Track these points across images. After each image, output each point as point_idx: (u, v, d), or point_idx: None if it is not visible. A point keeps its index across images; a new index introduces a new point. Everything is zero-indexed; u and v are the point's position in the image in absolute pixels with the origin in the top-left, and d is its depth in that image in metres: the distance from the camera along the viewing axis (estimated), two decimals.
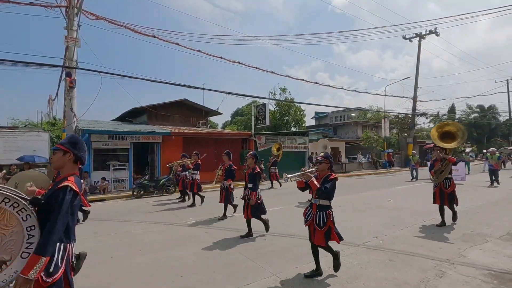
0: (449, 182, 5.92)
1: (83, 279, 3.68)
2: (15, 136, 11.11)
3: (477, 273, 3.64)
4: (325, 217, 3.61)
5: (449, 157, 5.88)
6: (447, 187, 5.89)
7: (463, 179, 13.28)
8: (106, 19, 11.89)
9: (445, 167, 5.87)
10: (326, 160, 3.78)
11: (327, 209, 3.65)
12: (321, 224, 3.59)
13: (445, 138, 6.09)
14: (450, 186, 5.89)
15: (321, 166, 3.78)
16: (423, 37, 25.22)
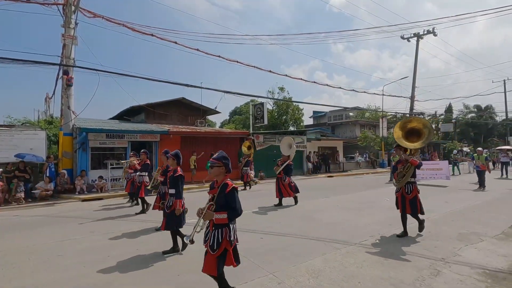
0: (411, 187, 5.22)
1: (81, 279, 3.69)
2: (12, 134, 11.04)
3: (472, 272, 3.67)
4: (220, 237, 2.78)
5: (412, 159, 5.13)
6: (408, 192, 5.22)
7: (448, 178, 12.94)
8: (103, 17, 11.85)
9: (407, 170, 5.18)
10: (218, 163, 2.92)
11: (223, 227, 2.82)
12: (214, 246, 2.77)
13: (411, 137, 5.31)
14: (412, 192, 5.21)
15: (214, 171, 2.95)
16: (421, 37, 25.32)
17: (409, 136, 5.30)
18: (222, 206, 2.81)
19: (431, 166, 13.57)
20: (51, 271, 3.95)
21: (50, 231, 6.04)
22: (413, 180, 5.26)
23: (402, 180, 5.23)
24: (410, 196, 5.21)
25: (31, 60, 10.12)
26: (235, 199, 2.79)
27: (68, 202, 10.04)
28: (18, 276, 3.81)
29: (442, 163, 13.83)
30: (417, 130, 5.26)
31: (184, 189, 4.84)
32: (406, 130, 5.32)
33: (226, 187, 2.82)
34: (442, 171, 13.02)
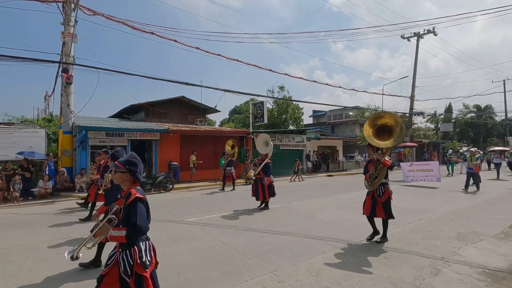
0: (383, 189, 4.78)
1: (80, 276, 3.69)
2: (11, 132, 11.01)
3: (472, 271, 3.68)
4: (130, 259, 2.24)
5: (384, 159, 4.68)
6: (380, 195, 4.78)
7: (439, 180, 12.29)
8: (103, 15, 11.82)
9: (380, 172, 4.73)
10: (121, 168, 2.35)
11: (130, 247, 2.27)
12: (127, 272, 2.21)
13: (382, 134, 4.81)
14: (384, 194, 4.76)
15: (116, 177, 2.40)
16: (421, 36, 25.32)
17: (380, 133, 4.79)
18: (123, 220, 2.30)
19: (421, 167, 13.07)
20: (50, 268, 3.94)
21: (49, 229, 6.03)
22: (385, 181, 4.85)
23: (375, 182, 4.77)
24: (382, 199, 4.76)
25: (31, 58, 10.09)
26: (136, 212, 2.20)
27: (68, 200, 10.03)
28: (17, 273, 3.80)
29: (433, 164, 13.24)
30: (388, 127, 4.74)
31: (184, 188, 4.87)
32: (377, 127, 4.81)
33: (128, 197, 2.27)
34: (433, 172, 12.47)
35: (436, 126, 47.63)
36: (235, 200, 9.61)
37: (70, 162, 12.02)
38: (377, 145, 4.73)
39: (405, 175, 13.30)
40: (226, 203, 8.92)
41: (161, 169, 13.55)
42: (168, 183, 11.90)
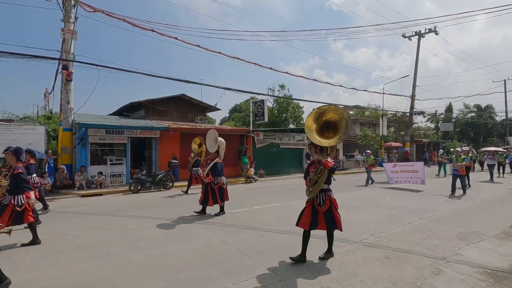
0: (323, 197, 4.00)
1: (80, 274, 3.67)
2: (11, 129, 10.99)
3: (473, 271, 3.66)
4: None
5: (325, 160, 3.91)
6: (321, 203, 3.99)
7: (423, 182, 11.18)
8: (103, 12, 11.75)
9: (320, 175, 3.97)
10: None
11: None
12: None
13: (327, 131, 4.10)
14: (325, 203, 3.99)
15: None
16: (423, 35, 25.22)
17: (324, 130, 4.10)
18: None
19: (405, 168, 12.12)
20: (49, 266, 3.93)
21: (48, 227, 6.01)
22: (326, 187, 4.07)
23: (315, 188, 3.98)
24: (323, 209, 3.97)
25: (30, 54, 10.05)
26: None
27: (67, 198, 10.01)
28: (17, 271, 3.78)
29: (418, 164, 12.23)
30: (333, 123, 4.05)
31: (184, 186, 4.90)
32: (322, 124, 4.09)
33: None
34: (417, 173, 11.49)
35: (437, 125, 47.64)
36: (234, 199, 9.60)
37: (69, 160, 12.00)
38: (319, 143, 3.97)
39: (389, 177, 12.52)
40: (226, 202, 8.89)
41: (161, 167, 13.52)
42: (168, 181, 11.88)
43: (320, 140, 3.98)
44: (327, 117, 4.07)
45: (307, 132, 4.04)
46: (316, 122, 4.08)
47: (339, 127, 4.00)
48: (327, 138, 4.03)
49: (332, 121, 4.06)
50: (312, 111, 4.11)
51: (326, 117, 4.07)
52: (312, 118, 4.09)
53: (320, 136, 4.02)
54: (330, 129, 4.07)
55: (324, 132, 4.09)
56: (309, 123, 4.08)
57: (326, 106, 4.11)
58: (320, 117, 4.10)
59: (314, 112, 4.09)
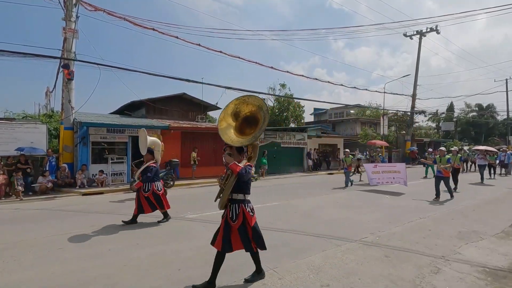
0: (236, 210, 3.26)
1: (81, 272, 3.70)
2: (13, 128, 11.04)
3: (472, 270, 3.68)
4: None
5: (233, 163, 3.18)
6: (233, 218, 3.24)
7: (405, 183, 10.59)
8: (104, 11, 11.77)
9: (226, 182, 3.27)
10: None
11: None
12: None
13: (248, 127, 3.36)
14: (238, 217, 3.25)
15: None
16: (424, 34, 25.18)
17: (245, 127, 3.37)
18: None
19: (387, 169, 11.64)
20: (51, 264, 3.96)
21: (50, 225, 6.05)
22: (241, 197, 3.29)
23: (222, 197, 3.29)
24: (236, 225, 3.23)
25: (32, 53, 10.08)
26: None
27: (69, 196, 10.06)
28: (18, 269, 3.81)
29: (399, 165, 11.74)
30: (254, 118, 3.30)
31: (184, 184, 4.90)
32: (243, 119, 3.37)
33: None
34: (400, 174, 11.00)
35: (438, 125, 47.56)
36: None
37: (71, 158, 12.04)
38: (230, 142, 3.23)
39: (370, 178, 11.66)
40: None
41: (162, 166, 13.55)
42: (169, 180, 11.91)
43: (232, 138, 3.27)
44: (247, 111, 3.38)
45: (221, 132, 3.29)
46: (235, 117, 3.39)
47: (258, 121, 3.25)
48: (243, 135, 3.31)
49: (253, 116, 3.33)
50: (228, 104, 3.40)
51: (246, 110, 3.38)
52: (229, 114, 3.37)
53: (238, 134, 3.33)
54: (252, 125, 3.32)
55: (245, 129, 3.36)
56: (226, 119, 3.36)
57: (245, 97, 3.34)
58: (239, 111, 3.39)
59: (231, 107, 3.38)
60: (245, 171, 3.16)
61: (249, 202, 3.40)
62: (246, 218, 3.28)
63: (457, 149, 11.82)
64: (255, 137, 3.19)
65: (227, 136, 3.26)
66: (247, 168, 3.19)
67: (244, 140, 3.23)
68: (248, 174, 3.18)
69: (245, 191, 3.34)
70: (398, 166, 11.72)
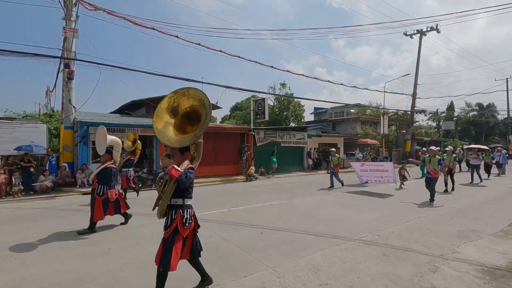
0: (172, 215, 2.92)
1: (81, 270, 3.72)
2: (13, 127, 11.07)
3: (470, 269, 3.70)
4: None
5: (171, 168, 2.82)
6: (167, 224, 2.92)
7: (395, 181, 10.60)
8: (104, 10, 11.78)
9: (164, 188, 2.92)
10: None
11: None
12: None
13: (189, 124, 2.99)
14: (171, 225, 2.89)
15: None
16: (424, 33, 25.15)
17: (186, 124, 3.00)
18: None
19: (374, 168, 11.50)
20: (52, 262, 3.98)
21: (51, 224, 6.07)
22: (180, 202, 2.94)
23: (160, 205, 2.94)
24: (167, 233, 2.92)
25: (32, 53, 10.10)
26: None
27: (69, 195, 10.09)
28: (19, 267, 3.84)
29: (387, 164, 11.55)
30: (196, 113, 2.94)
31: None
32: (183, 114, 3.00)
33: None
34: (388, 173, 10.78)
35: (438, 124, 47.53)
36: (235, 196, 9.65)
37: (71, 157, 12.07)
38: (168, 142, 2.86)
39: (359, 175, 11.85)
40: (227, 199, 8.96)
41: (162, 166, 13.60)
42: None
43: (170, 138, 2.88)
44: (186, 105, 2.98)
45: (155, 130, 2.91)
46: (172, 112, 3.00)
47: (200, 115, 2.89)
48: (184, 133, 2.94)
49: (194, 111, 2.94)
50: (163, 99, 3.03)
51: (185, 105, 2.98)
52: (166, 111, 2.99)
53: (179, 133, 2.94)
54: (194, 121, 2.94)
55: (187, 126, 2.97)
56: (161, 115, 2.98)
57: (185, 89, 2.97)
58: (177, 106, 3.00)
59: (168, 102, 3.00)
60: (185, 176, 2.78)
61: (189, 208, 2.99)
62: (178, 225, 2.87)
63: (452, 148, 11.48)
64: (195, 136, 2.82)
65: (164, 135, 2.89)
66: (187, 173, 2.81)
67: (184, 140, 2.86)
68: (188, 180, 2.82)
69: (185, 195, 2.97)
70: (385, 165, 11.55)
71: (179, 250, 2.89)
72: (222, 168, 16.16)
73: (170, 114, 2.99)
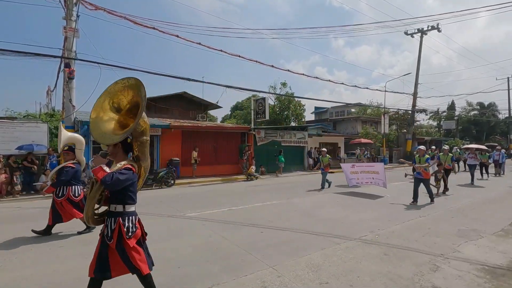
0: (111, 225, 2.51)
1: (81, 269, 3.72)
2: (14, 127, 11.08)
3: (471, 268, 3.69)
4: None
5: (96, 168, 2.41)
6: (109, 236, 2.51)
7: (385, 185, 9.80)
8: (105, 10, 11.77)
9: (89, 192, 2.56)
10: None
11: None
12: None
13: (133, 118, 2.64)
14: (113, 233, 2.50)
15: None
16: (425, 33, 25.07)
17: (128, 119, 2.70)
18: None
19: (365, 169, 10.91)
20: (52, 262, 3.99)
21: None
22: (120, 209, 2.55)
23: (85, 211, 2.60)
24: (113, 243, 2.50)
25: (32, 53, 10.09)
26: None
27: None
28: (19, 266, 3.85)
29: (377, 165, 10.97)
30: (137, 106, 2.61)
31: (186, 183, 4.85)
32: (127, 109, 2.71)
33: None
34: (378, 175, 10.26)
35: (439, 123, 47.45)
36: (235, 196, 9.66)
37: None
38: (101, 139, 2.60)
39: (348, 178, 11.02)
40: (227, 199, 8.96)
41: (163, 165, 13.60)
42: (170, 179, 11.94)
43: (105, 134, 2.58)
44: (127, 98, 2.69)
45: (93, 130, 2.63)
46: (111, 106, 2.69)
47: (140, 105, 2.56)
48: (119, 129, 2.65)
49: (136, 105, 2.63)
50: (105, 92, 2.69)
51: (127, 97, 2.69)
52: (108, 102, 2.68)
53: (120, 129, 2.64)
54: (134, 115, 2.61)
55: (129, 122, 2.67)
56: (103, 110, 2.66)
57: (125, 81, 2.65)
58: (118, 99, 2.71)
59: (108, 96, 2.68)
60: (111, 178, 2.32)
61: (131, 215, 2.58)
62: (122, 235, 2.50)
63: (448, 148, 11.18)
64: (128, 132, 2.50)
65: (98, 128, 2.60)
66: (117, 174, 2.38)
67: (117, 137, 2.54)
68: (117, 182, 2.35)
69: (126, 201, 2.55)
70: (376, 166, 10.97)
71: (142, 254, 2.62)
72: (223, 167, 16.17)
73: (111, 107, 2.69)
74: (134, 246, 2.54)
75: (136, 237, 2.58)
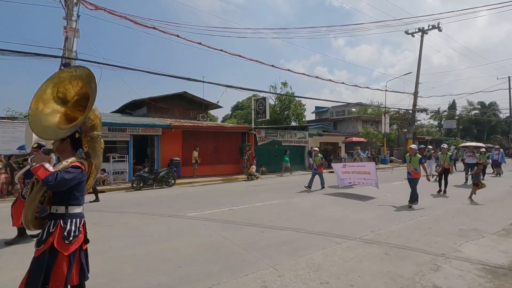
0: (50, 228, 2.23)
1: None
2: (15, 127, 11.10)
3: (472, 268, 3.68)
4: None
5: (38, 166, 2.08)
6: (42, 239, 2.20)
7: (377, 186, 9.53)
8: (105, 10, 11.78)
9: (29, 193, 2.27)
10: None
11: None
12: None
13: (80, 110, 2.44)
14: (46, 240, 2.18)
15: None
16: (426, 32, 25.02)
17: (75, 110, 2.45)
18: None
19: (357, 169, 10.55)
20: None
21: None
22: (62, 211, 2.27)
23: (24, 214, 2.25)
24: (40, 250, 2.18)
25: (32, 53, 10.10)
26: None
27: None
28: (20, 266, 3.84)
29: (369, 165, 10.52)
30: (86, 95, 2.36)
31: (186, 183, 4.85)
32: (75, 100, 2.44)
33: None
34: (370, 175, 9.91)
35: (440, 123, 47.39)
36: (235, 196, 9.66)
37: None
38: (42, 134, 2.31)
39: (340, 178, 10.80)
40: (227, 199, 8.96)
41: (163, 165, 13.62)
42: (170, 178, 11.95)
43: (46, 129, 2.29)
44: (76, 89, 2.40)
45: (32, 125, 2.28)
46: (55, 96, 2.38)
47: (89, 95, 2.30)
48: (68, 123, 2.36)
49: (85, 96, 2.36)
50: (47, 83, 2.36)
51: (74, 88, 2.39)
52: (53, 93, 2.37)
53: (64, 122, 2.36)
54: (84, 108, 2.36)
55: (77, 115, 2.40)
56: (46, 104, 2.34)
57: (72, 69, 2.42)
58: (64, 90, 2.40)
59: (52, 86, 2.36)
60: (55, 178, 2.05)
61: (74, 217, 2.33)
62: (56, 240, 2.17)
63: (447, 146, 10.89)
64: (77, 126, 2.25)
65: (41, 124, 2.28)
66: (59, 173, 2.09)
67: (62, 131, 2.26)
68: (61, 182, 2.09)
69: (69, 201, 2.29)
70: (367, 166, 10.50)
71: (61, 274, 2.12)
72: (223, 167, 16.17)
73: (57, 100, 2.38)
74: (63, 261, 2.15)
75: (79, 241, 2.30)
